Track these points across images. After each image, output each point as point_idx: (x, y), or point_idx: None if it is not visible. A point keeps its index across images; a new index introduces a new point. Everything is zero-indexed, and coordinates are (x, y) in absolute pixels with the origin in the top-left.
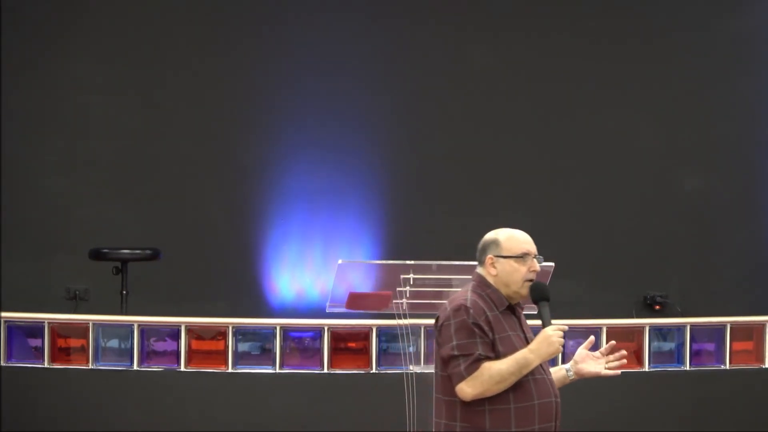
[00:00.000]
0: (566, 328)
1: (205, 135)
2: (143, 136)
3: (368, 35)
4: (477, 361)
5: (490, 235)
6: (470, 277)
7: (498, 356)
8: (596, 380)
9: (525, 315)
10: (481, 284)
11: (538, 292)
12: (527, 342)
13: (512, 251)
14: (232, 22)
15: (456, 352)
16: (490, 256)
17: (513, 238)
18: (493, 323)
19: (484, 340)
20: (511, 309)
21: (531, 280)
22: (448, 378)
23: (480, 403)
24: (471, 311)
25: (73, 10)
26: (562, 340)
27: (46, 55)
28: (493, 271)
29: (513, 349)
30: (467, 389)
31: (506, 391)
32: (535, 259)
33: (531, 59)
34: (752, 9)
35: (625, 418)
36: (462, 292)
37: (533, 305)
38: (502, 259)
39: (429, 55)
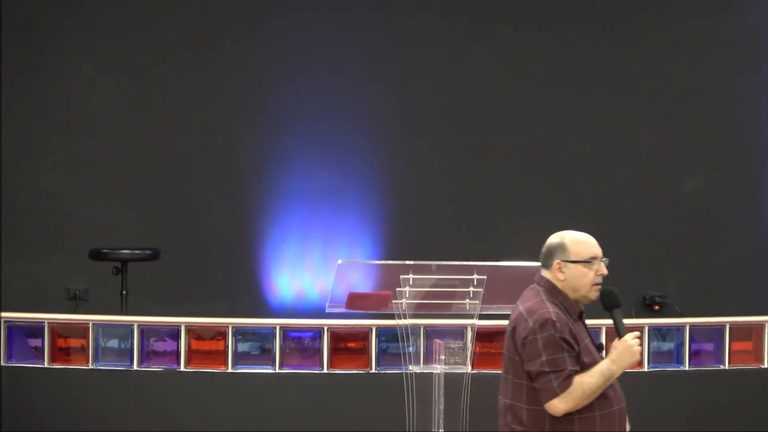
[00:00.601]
0: (639, 334)
1: (204, 135)
2: (143, 136)
3: (369, 36)
4: (569, 377)
5: (555, 239)
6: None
7: (583, 368)
8: None
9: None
10: (552, 291)
11: (611, 300)
12: (595, 347)
13: (580, 255)
14: (232, 23)
15: (546, 368)
16: (557, 261)
17: (580, 242)
18: (572, 333)
19: (572, 354)
20: (579, 316)
21: (598, 284)
22: (533, 388)
23: (570, 412)
24: (557, 325)
25: (73, 10)
26: (640, 348)
27: (46, 55)
28: (560, 276)
29: (593, 359)
30: (560, 405)
31: None
32: (602, 263)
33: (531, 61)
34: (752, 8)
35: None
36: (537, 301)
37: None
38: (570, 264)
39: (430, 56)
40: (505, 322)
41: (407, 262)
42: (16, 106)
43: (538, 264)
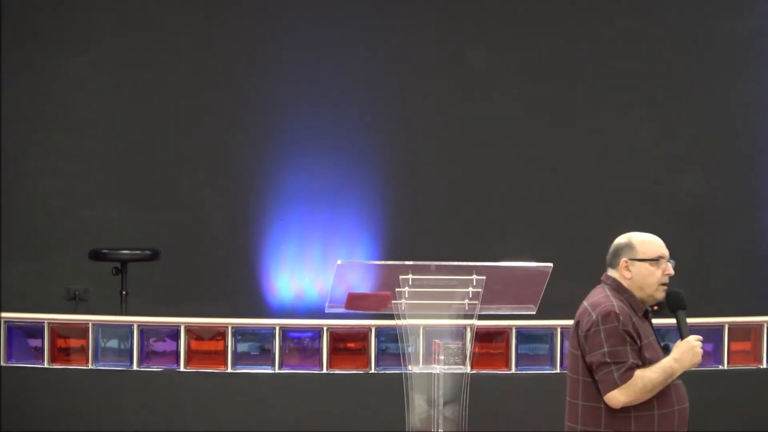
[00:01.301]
0: (701, 337)
1: (204, 136)
2: (143, 137)
3: (368, 36)
4: (630, 370)
5: (623, 239)
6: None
7: (644, 363)
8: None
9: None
10: (618, 288)
11: (677, 301)
12: (660, 346)
13: (647, 254)
14: (232, 23)
15: (608, 359)
16: (624, 259)
17: (647, 242)
18: (635, 328)
19: (634, 347)
20: (645, 314)
21: (665, 284)
22: (591, 384)
23: (626, 409)
24: (621, 318)
25: (73, 10)
26: (702, 350)
27: (46, 55)
28: (627, 275)
29: (656, 355)
30: (620, 397)
31: (650, 398)
32: (669, 263)
33: (529, 61)
34: (750, 10)
35: None
36: (602, 296)
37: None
38: (637, 263)
39: (430, 55)
40: (504, 323)
41: (406, 263)
42: (16, 107)
43: (538, 264)
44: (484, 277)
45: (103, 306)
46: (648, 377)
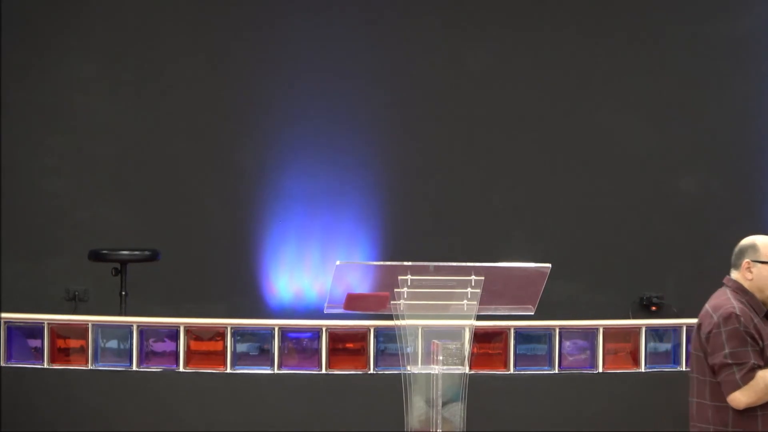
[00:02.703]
0: None
1: (203, 136)
2: (142, 137)
3: (366, 36)
4: (751, 371)
5: (747, 240)
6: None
7: (767, 364)
8: (592, 381)
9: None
10: (739, 290)
11: None
12: None
13: None
14: (230, 24)
15: (729, 360)
16: (747, 260)
17: None
18: (759, 329)
19: (755, 348)
20: (766, 314)
21: None
22: (718, 384)
23: (752, 408)
24: (741, 319)
25: (71, 10)
26: None
27: (46, 55)
28: (748, 276)
29: None
30: (742, 398)
31: None
32: None
33: (527, 62)
34: (747, 10)
35: (621, 419)
36: (723, 298)
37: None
38: (759, 264)
39: (427, 57)
40: (503, 323)
41: (405, 263)
42: (16, 107)
43: (536, 265)
44: (482, 278)
45: (103, 306)
46: None
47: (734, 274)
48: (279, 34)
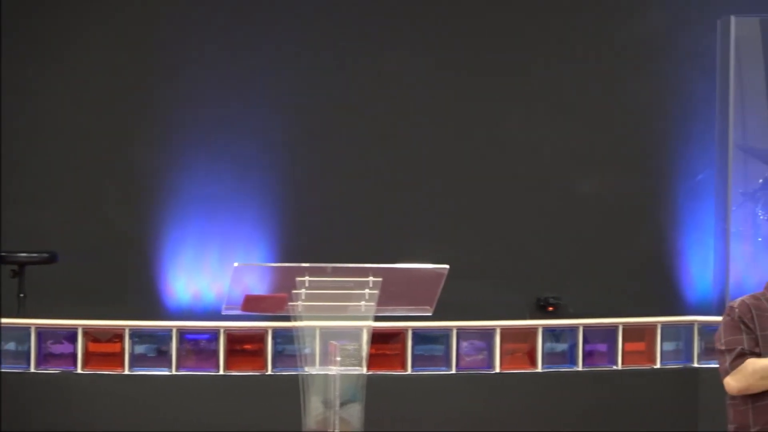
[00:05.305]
0: None
1: (101, 137)
2: (38, 138)
3: (265, 36)
4: (741, 356)
5: None
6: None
7: (760, 353)
8: (492, 381)
9: None
10: (765, 289)
11: None
12: None
13: None
14: (128, 24)
15: (723, 347)
16: None
17: None
18: (760, 321)
19: (750, 336)
20: None
21: None
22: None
23: (744, 402)
24: (736, 310)
25: None
26: None
27: None
28: None
29: None
30: (732, 383)
31: None
32: None
33: (430, 61)
34: (646, 14)
35: (519, 419)
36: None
37: None
38: None
39: (326, 55)
40: (401, 324)
41: (303, 265)
42: None
43: (434, 266)
44: (380, 279)
45: (1, 308)
46: (761, 364)
47: None
48: (177, 34)
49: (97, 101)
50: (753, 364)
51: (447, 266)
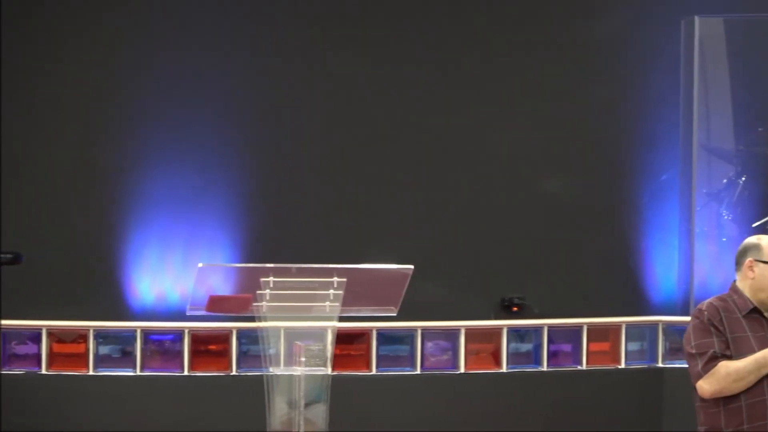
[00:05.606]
0: None
1: (64, 137)
2: (3, 138)
3: (230, 36)
4: (713, 359)
5: (752, 240)
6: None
7: (731, 356)
8: (457, 381)
9: None
10: (731, 290)
11: None
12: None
13: None
14: (91, 22)
15: (694, 351)
16: (749, 259)
17: None
18: (729, 324)
19: (720, 338)
20: (759, 313)
21: None
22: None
23: (715, 404)
24: (706, 313)
25: None
26: None
27: None
28: (750, 275)
29: (749, 350)
30: (705, 386)
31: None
32: None
33: (394, 62)
34: (609, 14)
35: (484, 419)
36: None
37: None
38: (761, 264)
39: (289, 57)
40: (365, 325)
41: (267, 265)
42: None
43: (398, 266)
44: (344, 280)
45: None
46: (734, 367)
47: (737, 274)
48: (141, 34)
49: (60, 102)
50: (726, 367)
51: (412, 266)
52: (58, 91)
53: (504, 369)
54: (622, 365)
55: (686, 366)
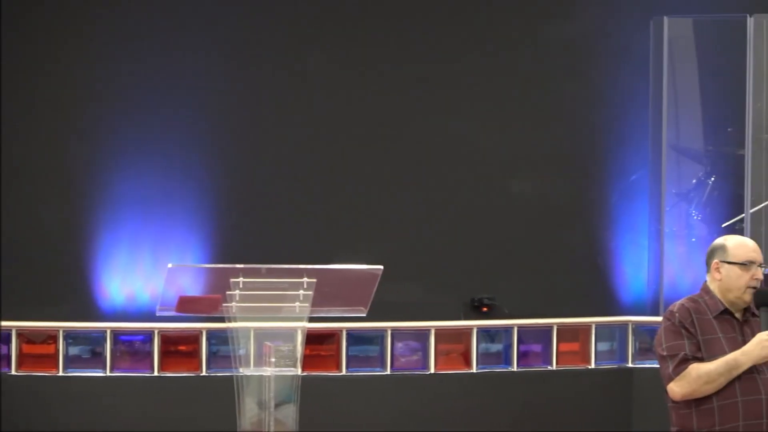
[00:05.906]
0: None
1: (33, 137)
2: None
3: (199, 36)
4: (684, 362)
5: (719, 241)
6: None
7: (702, 358)
8: (427, 382)
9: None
10: (702, 291)
11: (761, 298)
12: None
13: (738, 258)
14: (59, 20)
15: (665, 353)
16: (716, 260)
17: (741, 245)
18: (700, 325)
19: (692, 341)
20: (730, 314)
21: (754, 288)
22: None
23: (687, 406)
24: (677, 315)
25: None
26: None
27: None
28: (717, 276)
29: (721, 352)
30: (676, 389)
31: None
32: (759, 268)
33: (364, 63)
34: (579, 14)
35: (454, 419)
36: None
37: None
38: (727, 265)
39: (263, 58)
40: (335, 325)
41: (237, 266)
42: None
43: (368, 267)
44: (314, 280)
45: None
46: (704, 369)
47: (707, 275)
48: (110, 34)
49: (28, 101)
50: (696, 369)
51: (381, 267)
52: (22, 90)
53: (474, 369)
54: (592, 365)
55: (656, 366)
